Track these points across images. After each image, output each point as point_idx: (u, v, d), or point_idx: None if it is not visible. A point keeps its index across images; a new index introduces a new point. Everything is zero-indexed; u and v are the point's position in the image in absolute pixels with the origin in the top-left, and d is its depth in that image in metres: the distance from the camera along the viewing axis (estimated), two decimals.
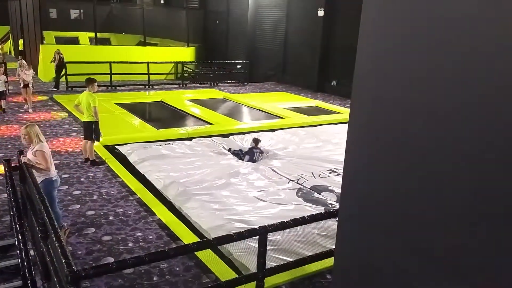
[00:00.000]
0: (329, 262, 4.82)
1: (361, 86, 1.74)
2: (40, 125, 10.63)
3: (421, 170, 1.48)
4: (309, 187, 7.66)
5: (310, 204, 6.88)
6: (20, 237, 4.64)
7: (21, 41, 23.86)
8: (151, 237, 5.65)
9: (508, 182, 1.20)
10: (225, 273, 4.85)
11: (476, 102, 1.27)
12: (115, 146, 9.42)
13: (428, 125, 1.44)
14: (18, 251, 4.73)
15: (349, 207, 1.89)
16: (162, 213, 6.31)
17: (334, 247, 2.54)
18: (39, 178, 5.26)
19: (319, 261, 4.84)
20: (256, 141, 9.37)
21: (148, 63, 18.10)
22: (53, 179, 5.38)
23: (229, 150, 9.60)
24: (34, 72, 13.42)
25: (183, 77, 20.35)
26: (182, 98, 15.61)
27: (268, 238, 4.21)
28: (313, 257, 4.72)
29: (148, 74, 18.01)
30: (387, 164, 1.64)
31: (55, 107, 13.16)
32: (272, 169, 8.46)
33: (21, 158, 5.27)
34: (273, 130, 11.68)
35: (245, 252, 5.19)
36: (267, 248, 4.23)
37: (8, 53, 27.75)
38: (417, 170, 1.50)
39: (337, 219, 2.04)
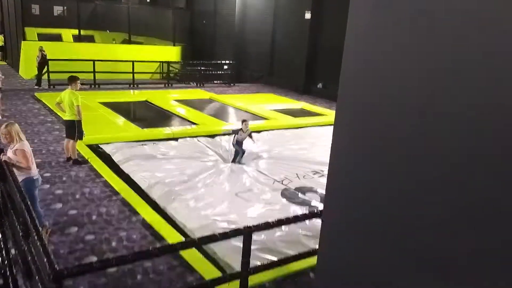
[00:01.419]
0: (312, 261, 4.86)
1: (347, 89, 1.76)
2: (21, 123, 10.46)
3: (406, 171, 1.50)
4: (293, 188, 7.69)
5: (294, 205, 6.91)
6: (0, 236, 4.56)
7: (1, 37, 23.45)
8: (135, 236, 5.61)
9: (495, 182, 1.21)
10: (209, 272, 4.85)
11: (464, 103, 1.28)
12: (99, 145, 9.32)
13: (413, 127, 1.46)
14: None
15: (333, 208, 1.91)
16: (146, 213, 6.27)
17: (317, 246, 2.56)
18: (20, 177, 5.18)
19: (302, 260, 4.87)
20: (243, 121, 9.27)
21: (133, 61, 17.95)
22: (34, 178, 5.30)
23: (233, 131, 9.50)
24: (3, 76, 13.12)
25: (169, 77, 20.23)
26: (168, 98, 15.52)
27: (252, 238, 4.22)
28: (297, 256, 4.75)
29: (133, 73, 17.86)
30: (371, 165, 1.66)
31: (37, 105, 12.96)
32: (257, 170, 8.48)
33: (1, 156, 5.18)
34: (259, 132, 11.69)
35: (229, 252, 5.19)
36: (252, 247, 4.24)
37: None
38: (402, 172, 1.52)
39: (321, 219, 2.06)
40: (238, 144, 9.03)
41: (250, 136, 9.09)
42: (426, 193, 1.43)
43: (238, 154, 9.03)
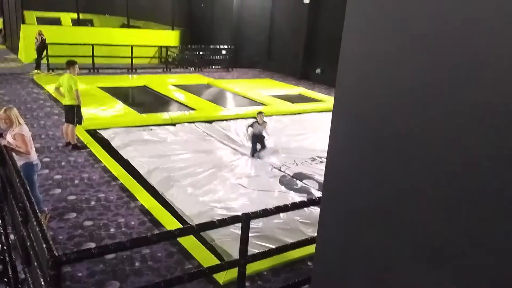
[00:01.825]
0: (310, 249, 4.88)
1: (346, 74, 1.74)
2: (20, 107, 10.42)
3: (406, 157, 1.50)
4: (291, 174, 7.71)
5: (292, 192, 6.94)
6: None
7: (0, 21, 23.19)
8: (133, 222, 5.64)
9: (494, 174, 1.22)
10: (207, 259, 4.89)
11: (467, 94, 1.27)
12: (97, 130, 9.31)
13: (413, 112, 1.45)
14: None
15: (332, 195, 1.91)
16: (145, 199, 6.29)
17: (315, 234, 2.57)
18: (19, 162, 5.18)
19: (300, 248, 4.90)
20: (258, 113, 8.70)
21: (131, 46, 17.81)
22: (34, 163, 5.30)
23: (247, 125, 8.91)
24: None
25: (167, 62, 20.11)
26: (166, 83, 15.45)
27: (250, 225, 4.24)
28: (295, 244, 4.77)
29: (132, 57, 17.74)
30: (370, 152, 1.66)
31: (36, 89, 12.90)
32: (256, 157, 8.48)
33: (0, 141, 5.17)
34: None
35: (227, 239, 5.23)
36: (250, 234, 4.26)
37: None
38: (402, 158, 1.52)
39: (319, 206, 2.07)
40: (255, 137, 8.51)
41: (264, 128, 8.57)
42: (426, 180, 1.43)
43: (256, 148, 8.54)
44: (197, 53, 20.51)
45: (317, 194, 6.83)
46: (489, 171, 1.22)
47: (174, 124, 10.21)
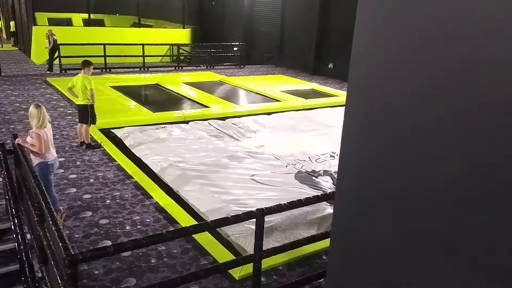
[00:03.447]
0: (325, 243, 4.85)
1: (358, 68, 1.73)
2: None
3: (418, 153, 1.48)
4: (306, 170, 7.66)
5: (307, 187, 6.89)
6: (16, 221, 4.63)
7: (12, 23, 23.48)
8: (148, 220, 5.65)
9: (500, 170, 1.21)
10: (222, 255, 4.88)
11: (477, 94, 1.26)
12: (111, 130, 9.36)
13: (425, 109, 1.44)
14: (14, 235, 4.72)
15: (345, 190, 1.91)
16: (160, 197, 6.31)
17: (330, 229, 2.55)
18: (35, 161, 5.24)
19: (315, 243, 4.86)
20: None
21: (143, 45, 17.88)
22: (49, 163, 5.35)
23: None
24: None
25: (179, 60, 20.16)
26: (178, 81, 15.48)
27: (265, 220, 4.22)
28: (309, 238, 4.74)
29: (143, 56, 17.81)
30: (383, 146, 1.65)
31: (49, 90, 13.03)
32: (270, 153, 8.45)
33: (15, 141, 5.24)
34: (269, 114, 11.63)
35: (242, 234, 5.21)
36: (264, 230, 4.23)
37: None
38: (414, 154, 1.50)
39: (333, 201, 2.06)
40: None
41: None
42: (437, 177, 1.41)
43: None
44: (209, 50, 20.52)
45: (332, 188, 6.77)
46: (503, 169, 1.20)
47: (187, 122, 10.22)
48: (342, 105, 11.84)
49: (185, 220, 5.63)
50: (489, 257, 1.27)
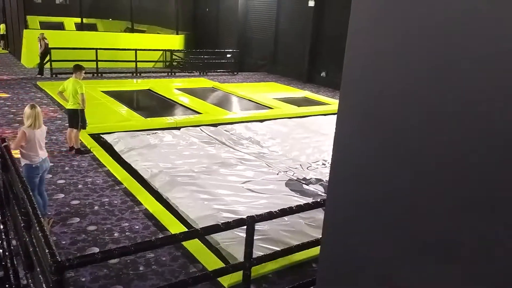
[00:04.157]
0: (315, 251, 4.82)
1: (350, 77, 1.76)
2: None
3: (410, 159, 1.48)
4: (297, 178, 7.65)
5: (298, 195, 6.87)
6: (1, 227, 4.54)
7: (3, 26, 23.33)
8: (137, 227, 5.59)
9: (498, 172, 1.21)
10: (212, 263, 4.83)
11: (473, 99, 1.26)
12: (101, 135, 9.28)
13: (418, 113, 1.44)
14: (0, 241, 4.63)
15: (336, 197, 1.91)
16: (149, 203, 6.24)
17: (320, 236, 2.55)
18: (22, 162, 5.20)
19: (305, 251, 4.83)
20: None
21: (136, 50, 17.83)
22: (33, 165, 5.26)
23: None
24: None
25: (172, 66, 20.14)
26: (170, 87, 15.44)
27: (255, 228, 4.18)
28: (300, 246, 4.71)
29: (136, 61, 17.76)
30: (374, 153, 1.65)
31: (39, 94, 12.92)
32: (261, 160, 8.42)
33: (2, 145, 5.16)
34: (262, 121, 11.63)
35: (232, 242, 5.16)
36: (255, 237, 4.20)
37: None
38: (406, 160, 1.50)
39: (324, 209, 2.07)
40: None
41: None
42: (430, 180, 1.42)
43: None
44: (202, 57, 20.52)
45: (323, 196, 6.76)
46: (497, 170, 1.20)
47: (179, 128, 10.17)
48: (334, 113, 11.88)
49: (175, 227, 5.57)
50: (482, 260, 1.27)
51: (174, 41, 22.85)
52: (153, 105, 13.42)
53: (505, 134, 1.17)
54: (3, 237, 4.45)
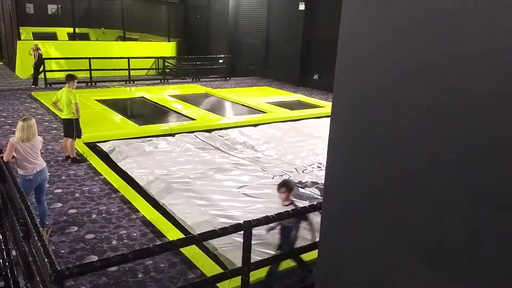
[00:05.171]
0: (313, 254, 4.87)
1: (343, 79, 1.75)
2: None
3: (403, 162, 1.51)
4: (294, 182, 7.69)
5: (295, 199, 6.90)
6: (0, 237, 4.56)
7: None
8: (135, 234, 5.62)
9: (490, 174, 1.23)
10: (210, 269, 4.87)
11: (461, 102, 1.29)
12: (96, 143, 9.31)
13: (410, 118, 1.46)
14: None
15: (332, 200, 1.91)
16: (146, 210, 6.28)
17: (317, 239, 2.57)
18: (18, 172, 5.23)
19: (303, 254, 4.88)
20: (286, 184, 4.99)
21: (128, 58, 17.86)
22: (27, 178, 5.27)
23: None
24: None
25: (165, 73, 20.18)
26: (164, 94, 15.47)
27: (252, 233, 4.23)
28: (298, 250, 4.76)
29: (129, 69, 17.78)
30: (369, 156, 1.66)
31: (34, 104, 12.91)
32: (256, 165, 8.48)
33: None
34: (256, 125, 11.69)
35: (230, 247, 5.21)
36: (252, 242, 4.24)
37: None
38: (400, 162, 1.52)
39: (321, 212, 2.08)
40: (284, 230, 4.87)
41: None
42: (424, 183, 1.44)
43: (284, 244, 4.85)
44: (194, 63, 20.57)
45: (319, 199, 6.81)
46: (490, 170, 1.22)
47: (173, 135, 10.21)
48: (327, 116, 11.95)
49: (172, 234, 5.61)
50: (472, 265, 1.30)
51: (166, 48, 22.91)
52: (147, 113, 13.45)
53: (503, 135, 1.19)
54: (3, 247, 4.47)
